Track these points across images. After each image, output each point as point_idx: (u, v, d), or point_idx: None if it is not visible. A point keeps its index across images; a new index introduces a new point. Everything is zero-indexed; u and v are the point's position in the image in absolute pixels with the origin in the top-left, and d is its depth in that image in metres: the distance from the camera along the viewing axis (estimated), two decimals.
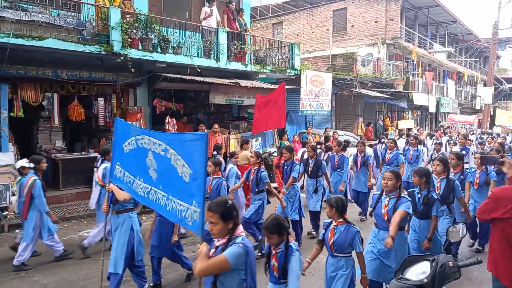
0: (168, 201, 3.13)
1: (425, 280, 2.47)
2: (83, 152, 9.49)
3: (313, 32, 22.83)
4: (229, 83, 9.91)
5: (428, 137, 14.52)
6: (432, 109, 22.24)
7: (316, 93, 13.26)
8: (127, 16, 8.53)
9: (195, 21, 10.52)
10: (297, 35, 23.19)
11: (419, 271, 2.59)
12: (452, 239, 3.80)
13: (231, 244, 2.48)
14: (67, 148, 9.88)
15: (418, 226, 4.39)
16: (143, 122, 9.25)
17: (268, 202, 6.39)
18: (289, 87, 11.83)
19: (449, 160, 5.42)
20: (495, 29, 24.15)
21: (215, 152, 7.40)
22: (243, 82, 10.30)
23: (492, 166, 6.00)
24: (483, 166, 5.88)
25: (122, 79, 9.02)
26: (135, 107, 9.43)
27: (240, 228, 2.59)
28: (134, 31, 8.45)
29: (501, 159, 3.05)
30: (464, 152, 8.27)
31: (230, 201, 2.58)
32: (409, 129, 18.87)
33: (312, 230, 6.92)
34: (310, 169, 6.85)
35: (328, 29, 21.86)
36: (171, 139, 3.13)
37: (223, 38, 10.21)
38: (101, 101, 9.51)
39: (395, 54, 20.97)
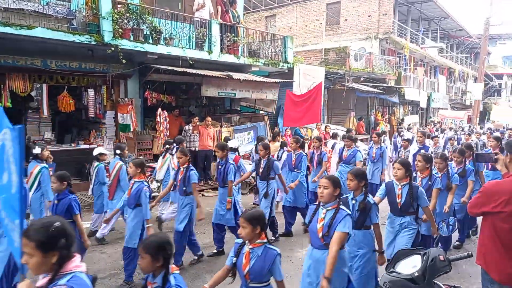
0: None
1: (416, 274, 2.50)
2: (73, 144, 9.37)
3: (306, 26, 22.77)
4: (222, 76, 9.84)
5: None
6: (423, 104, 22.41)
7: (308, 86, 13.23)
8: (118, 6, 8.39)
9: (188, 12, 10.40)
10: (290, 28, 23.11)
11: (410, 264, 2.62)
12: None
13: (51, 286, 1.82)
14: (56, 140, 9.73)
15: (353, 237, 3.54)
16: (134, 114, 9.14)
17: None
18: (282, 80, 11.81)
19: (416, 162, 4.94)
20: (486, 25, 24.35)
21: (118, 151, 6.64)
22: (236, 75, 10.24)
23: (456, 168, 5.79)
24: (444, 169, 5.26)
25: (113, 70, 8.89)
26: (126, 99, 9.31)
27: (76, 261, 1.91)
28: (125, 21, 8.31)
29: (495, 156, 3.07)
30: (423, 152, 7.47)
31: (57, 224, 1.87)
32: (399, 123, 19.04)
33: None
34: (260, 170, 6.12)
35: (321, 23, 21.83)
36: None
37: (215, 30, 10.11)
38: (91, 92, 9.38)
39: (387, 49, 21.03)
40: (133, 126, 9.11)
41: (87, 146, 9.08)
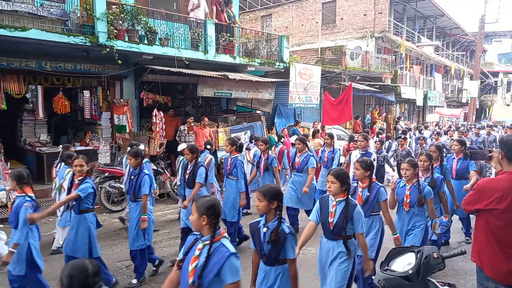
0: None
1: (410, 271, 2.50)
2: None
3: (302, 25, 22.78)
4: (218, 76, 9.83)
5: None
6: (420, 103, 22.46)
7: (305, 86, 13.25)
8: (113, 6, 8.36)
9: (183, 13, 10.38)
10: (286, 27, 23.12)
11: (405, 262, 2.62)
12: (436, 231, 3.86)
13: None
14: (52, 142, 9.72)
15: (264, 276, 2.97)
16: (130, 115, 9.12)
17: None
18: (278, 80, 11.82)
19: (354, 170, 4.20)
20: (481, 23, 24.43)
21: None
22: (232, 75, 10.23)
23: (424, 177, 4.85)
24: (414, 179, 4.32)
25: (108, 71, 8.87)
26: (122, 100, 9.30)
27: None
28: (120, 22, 8.29)
29: (489, 154, 3.08)
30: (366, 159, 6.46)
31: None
32: (396, 121, 19.09)
33: None
34: (186, 176, 5.39)
35: (317, 22, 21.83)
36: None
37: (211, 30, 10.11)
38: (86, 93, 9.36)
39: (383, 47, 21.07)
40: (129, 127, 9.09)
41: (83, 148, 9.05)
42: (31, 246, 3.80)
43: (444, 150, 8.69)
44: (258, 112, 12.57)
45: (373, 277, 2.74)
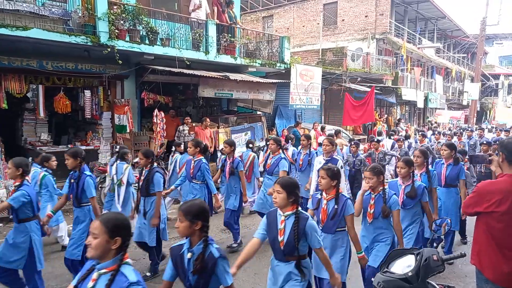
0: None
1: (410, 274, 2.50)
2: (70, 145, 9.35)
3: (303, 26, 22.79)
4: (219, 76, 9.84)
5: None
6: (420, 105, 22.46)
7: (305, 87, 13.25)
8: (114, 6, 8.38)
9: (184, 13, 10.39)
10: (288, 28, 23.13)
11: (404, 264, 2.62)
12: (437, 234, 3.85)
13: None
14: (52, 141, 9.72)
15: None
16: (131, 115, 9.13)
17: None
18: (279, 81, 11.82)
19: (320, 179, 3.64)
20: (482, 25, 24.43)
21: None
22: (233, 76, 10.24)
23: (404, 185, 4.40)
24: (379, 187, 3.85)
25: (109, 71, 8.88)
26: (123, 100, 9.30)
27: None
28: (122, 22, 8.30)
29: (489, 158, 3.08)
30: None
31: None
32: (397, 123, 19.07)
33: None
34: (140, 183, 5.00)
35: (318, 23, 21.83)
36: None
37: (212, 31, 10.11)
38: (87, 93, 9.37)
39: (384, 49, 21.07)
40: (129, 127, 9.10)
41: (84, 147, 9.05)
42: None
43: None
44: (258, 113, 12.58)
45: (372, 279, 2.73)
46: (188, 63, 9.38)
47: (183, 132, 9.87)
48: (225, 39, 10.49)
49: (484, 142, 8.61)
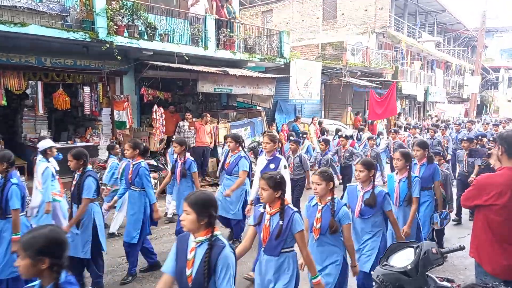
0: None
1: (409, 267, 2.51)
2: (69, 142, 9.34)
3: (302, 21, 22.70)
4: (218, 72, 9.82)
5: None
6: (420, 98, 22.42)
7: (305, 82, 13.23)
8: (113, 2, 8.33)
9: (183, 8, 10.35)
10: (287, 23, 23.03)
11: (403, 257, 2.63)
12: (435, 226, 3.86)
13: None
14: (52, 138, 9.70)
15: None
16: (130, 111, 9.12)
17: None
18: (278, 76, 11.80)
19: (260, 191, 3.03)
20: (483, 18, 24.32)
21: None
22: (232, 71, 10.21)
23: (363, 192, 3.75)
24: (328, 197, 3.25)
25: (108, 67, 8.85)
26: (122, 96, 9.28)
27: None
28: (120, 17, 8.26)
29: (489, 152, 3.08)
30: (272, 166, 5.01)
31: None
32: (397, 117, 19.05)
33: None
34: (74, 189, 4.55)
35: (317, 17, 21.76)
36: None
37: (211, 26, 10.07)
38: (86, 89, 9.33)
39: (384, 43, 21.00)
40: (129, 123, 9.09)
41: (83, 144, 9.06)
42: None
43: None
44: (258, 108, 12.57)
45: (372, 272, 2.75)
46: (187, 58, 9.35)
47: (183, 127, 9.86)
48: (224, 34, 10.45)
49: (465, 138, 7.64)
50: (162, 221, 7.14)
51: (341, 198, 3.89)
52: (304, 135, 9.94)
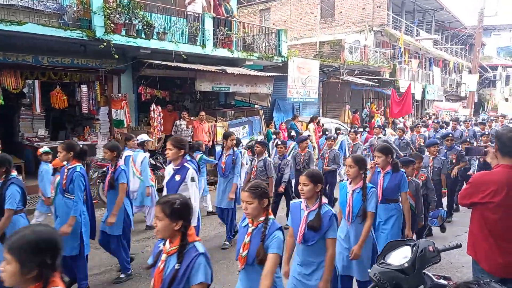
0: None
1: (406, 265, 2.51)
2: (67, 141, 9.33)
3: (300, 19, 22.68)
4: (216, 70, 9.81)
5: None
6: (418, 97, 22.43)
7: (303, 80, 13.22)
8: (110, 0, 8.31)
9: (180, 6, 10.32)
10: (285, 21, 23.01)
11: (400, 255, 2.63)
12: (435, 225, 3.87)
13: None
14: (50, 137, 9.70)
15: None
16: (128, 109, 9.10)
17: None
18: (276, 74, 11.79)
19: None
20: (480, 16, 24.34)
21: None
22: (230, 69, 10.20)
23: (307, 211, 3.01)
24: (261, 218, 2.66)
25: (106, 66, 8.82)
26: (120, 95, 9.26)
27: None
28: (117, 16, 8.24)
29: (485, 149, 3.09)
30: (178, 178, 4.26)
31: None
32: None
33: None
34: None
35: (315, 16, 21.74)
36: None
37: (209, 24, 10.05)
38: (84, 88, 9.33)
39: (382, 41, 21.01)
40: (127, 121, 9.08)
41: (81, 143, 9.03)
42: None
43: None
44: (256, 106, 12.56)
45: (369, 270, 2.75)
46: (185, 57, 9.33)
47: (180, 126, 9.85)
48: (222, 33, 10.44)
49: (437, 141, 6.92)
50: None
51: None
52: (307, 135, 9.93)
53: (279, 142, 6.98)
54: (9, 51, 7.64)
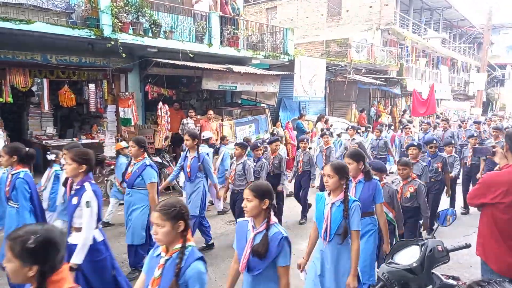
0: None
1: (415, 264, 2.50)
2: (75, 139, 9.40)
3: (307, 17, 22.60)
4: (222, 69, 9.82)
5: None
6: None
7: (309, 79, 13.19)
8: None
9: (187, 5, 10.34)
10: (291, 20, 22.94)
11: (409, 255, 2.62)
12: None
13: None
14: (58, 135, 9.77)
15: None
16: (135, 108, 9.15)
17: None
18: (283, 73, 11.77)
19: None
20: (489, 15, 24.11)
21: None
22: (236, 68, 10.20)
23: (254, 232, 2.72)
24: (174, 249, 2.21)
25: (113, 64, 8.87)
26: (127, 93, 9.31)
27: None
28: (125, 14, 8.28)
29: (493, 150, 3.06)
30: (75, 201, 3.57)
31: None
32: (402, 114, 18.96)
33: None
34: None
35: (322, 14, 21.66)
36: None
37: (215, 23, 10.06)
38: (92, 86, 9.37)
39: (389, 40, 20.88)
40: (134, 120, 9.12)
41: (89, 141, 9.11)
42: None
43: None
44: (262, 105, 12.56)
45: (377, 269, 2.74)
46: (191, 55, 9.35)
47: (187, 125, 9.87)
48: (228, 31, 10.44)
49: (415, 144, 5.82)
50: None
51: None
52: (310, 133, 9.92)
53: (259, 145, 6.43)
54: (18, 50, 7.71)
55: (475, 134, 8.80)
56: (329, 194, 3.16)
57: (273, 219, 2.52)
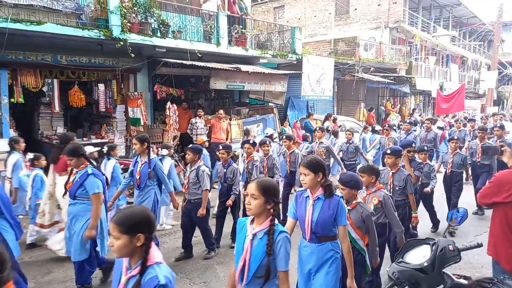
0: None
1: (425, 264, 2.48)
2: (85, 138, 9.48)
3: (315, 16, 22.53)
4: (230, 68, 9.83)
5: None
6: (435, 94, 22.07)
7: (318, 78, 13.15)
8: (126, 0, 8.41)
9: (195, 5, 10.37)
10: (299, 19, 22.89)
11: (419, 254, 2.60)
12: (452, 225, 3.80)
13: None
14: None
15: None
16: (144, 108, 9.21)
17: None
18: (291, 72, 11.75)
19: None
20: (499, 12, 23.78)
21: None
22: (244, 67, 10.21)
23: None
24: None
25: (122, 65, 8.95)
26: (136, 93, 9.38)
27: None
28: (133, 15, 8.34)
29: (502, 149, 3.03)
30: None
31: None
32: (411, 113, 18.80)
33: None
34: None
35: (330, 13, 21.57)
36: None
37: (223, 22, 10.08)
38: (101, 86, 9.45)
39: (398, 38, 20.72)
40: (143, 120, 9.19)
41: (98, 141, 9.18)
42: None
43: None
44: (270, 104, 12.55)
45: (387, 269, 2.72)
46: (199, 55, 9.38)
47: (195, 124, 9.90)
48: (236, 31, 10.45)
49: (388, 151, 4.89)
50: (177, 217, 7.17)
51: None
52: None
53: (221, 147, 5.59)
54: (29, 51, 7.82)
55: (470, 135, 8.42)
56: (252, 221, 2.44)
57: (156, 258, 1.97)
